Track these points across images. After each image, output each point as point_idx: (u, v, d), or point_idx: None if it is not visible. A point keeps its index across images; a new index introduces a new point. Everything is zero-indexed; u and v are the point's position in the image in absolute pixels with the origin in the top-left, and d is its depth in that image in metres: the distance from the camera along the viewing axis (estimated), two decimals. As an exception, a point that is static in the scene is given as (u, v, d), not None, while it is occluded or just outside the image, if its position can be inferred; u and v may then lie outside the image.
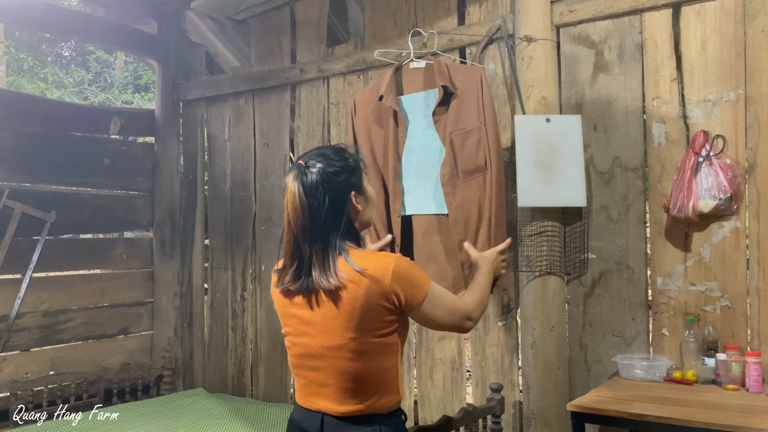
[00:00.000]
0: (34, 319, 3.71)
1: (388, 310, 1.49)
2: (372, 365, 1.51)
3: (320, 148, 1.60)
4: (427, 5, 3.25)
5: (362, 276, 1.47)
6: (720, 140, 2.46)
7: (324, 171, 1.51)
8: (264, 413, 3.41)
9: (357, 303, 1.47)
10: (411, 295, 1.51)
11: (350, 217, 1.54)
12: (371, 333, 1.49)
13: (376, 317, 1.48)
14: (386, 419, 1.54)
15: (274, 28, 3.89)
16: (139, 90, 9.55)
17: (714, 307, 2.50)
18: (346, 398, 1.51)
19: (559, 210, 2.74)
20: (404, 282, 1.49)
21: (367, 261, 1.49)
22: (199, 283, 4.26)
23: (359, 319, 1.47)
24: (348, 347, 1.49)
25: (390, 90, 2.57)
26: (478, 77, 2.53)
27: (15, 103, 3.73)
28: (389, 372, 1.54)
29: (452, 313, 1.60)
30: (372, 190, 1.63)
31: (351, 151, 1.60)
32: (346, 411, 1.51)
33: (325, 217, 1.49)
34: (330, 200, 1.49)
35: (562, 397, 2.69)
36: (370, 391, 1.52)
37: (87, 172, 4.01)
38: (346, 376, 1.50)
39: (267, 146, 3.90)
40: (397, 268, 1.49)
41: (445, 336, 3.17)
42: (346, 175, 1.53)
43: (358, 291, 1.47)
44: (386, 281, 1.47)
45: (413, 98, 2.61)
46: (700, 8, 2.54)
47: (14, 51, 8.72)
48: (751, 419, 1.93)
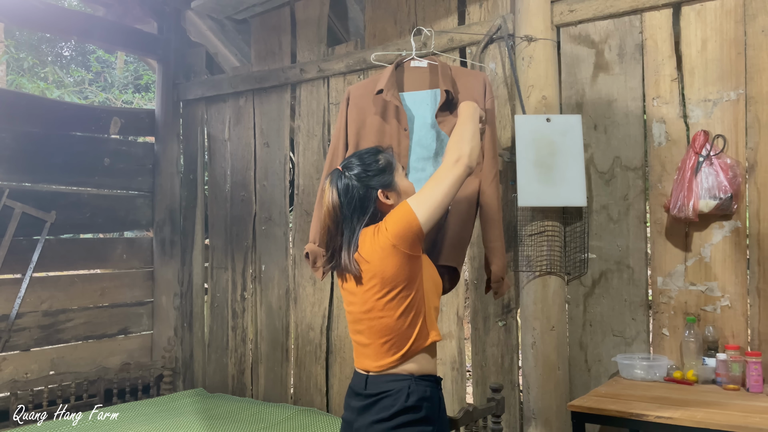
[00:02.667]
0: (34, 319, 3.71)
1: (408, 257, 1.71)
2: (402, 319, 1.73)
3: (356, 153, 1.88)
4: (427, 5, 3.25)
5: (372, 249, 1.73)
6: (720, 140, 2.46)
7: (354, 175, 1.80)
8: (264, 413, 3.41)
9: (376, 269, 1.72)
10: (408, 229, 1.70)
11: (378, 209, 1.80)
12: (396, 289, 1.72)
13: (396, 274, 1.71)
14: (419, 379, 1.74)
15: (274, 28, 3.89)
16: (139, 90, 9.55)
17: (714, 307, 2.50)
18: (383, 353, 1.75)
19: (560, 210, 2.74)
20: (398, 231, 1.70)
21: (367, 238, 1.75)
22: (199, 283, 4.27)
23: (383, 280, 1.72)
24: (378, 307, 1.74)
25: (391, 85, 2.55)
26: (482, 82, 2.52)
27: (15, 103, 3.73)
28: (418, 321, 1.75)
29: (447, 193, 1.74)
30: (406, 183, 1.87)
31: (383, 153, 1.86)
32: (383, 365, 1.75)
33: (353, 212, 1.78)
34: (358, 198, 1.78)
35: (562, 397, 2.69)
36: (403, 343, 1.74)
37: (87, 171, 4.01)
38: (383, 332, 1.74)
39: (267, 146, 3.90)
40: (387, 226, 1.73)
41: (445, 336, 3.17)
42: (376, 177, 1.80)
43: (376, 259, 1.72)
44: (389, 244, 1.71)
45: (414, 96, 2.60)
46: (700, 8, 2.54)
47: (14, 50, 8.71)
48: (752, 419, 1.93)
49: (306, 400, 3.68)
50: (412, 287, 1.74)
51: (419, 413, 1.70)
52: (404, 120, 2.56)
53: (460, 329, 3.17)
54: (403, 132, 2.55)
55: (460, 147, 1.82)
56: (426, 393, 1.73)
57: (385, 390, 1.72)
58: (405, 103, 2.59)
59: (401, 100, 2.57)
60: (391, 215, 1.74)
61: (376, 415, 1.70)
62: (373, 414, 1.71)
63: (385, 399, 1.71)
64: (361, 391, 1.77)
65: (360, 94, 2.66)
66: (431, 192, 1.74)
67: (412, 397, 1.70)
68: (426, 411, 1.71)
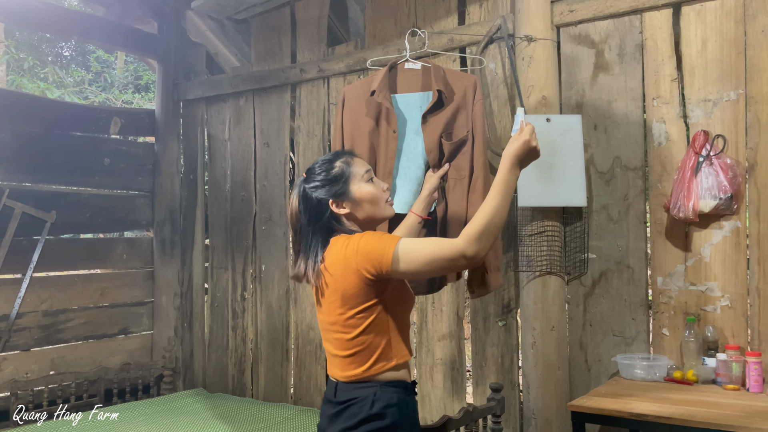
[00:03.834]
0: (34, 319, 3.71)
1: (370, 282, 1.68)
2: (362, 337, 1.72)
3: (318, 160, 1.85)
4: (427, 5, 3.25)
5: (335, 264, 1.71)
6: (720, 140, 2.46)
7: (305, 187, 1.80)
8: (264, 413, 3.41)
9: (338, 285, 1.71)
10: (378, 263, 1.65)
11: (334, 217, 1.78)
12: (355, 308, 1.71)
13: (357, 294, 1.69)
14: (385, 386, 1.72)
15: (274, 28, 3.89)
16: (139, 90, 9.55)
17: (714, 307, 2.50)
18: (347, 365, 1.74)
19: (560, 210, 2.74)
20: (369, 256, 1.66)
21: (335, 249, 1.72)
22: (199, 283, 4.27)
23: (342, 298, 1.71)
24: (339, 322, 1.73)
25: (383, 86, 2.54)
26: (472, 84, 2.52)
27: (15, 103, 3.73)
28: (381, 342, 1.73)
29: (432, 260, 1.63)
30: (366, 190, 1.80)
31: (341, 160, 1.82)
32: (349, 376, 1.74)
33: (309, 220, 1.78)
34: (312, 207, 1.77)
35: (562, 397, 2.69)
36: (365, 360, 1.72)
37: (87, 171, 4.00)
38: (345, 346, 1.74)
39: (267, 146, 3.90)
40: (359, 246, 1.68)
41: (445, 336, 3.17)
42: (325, 187, 1.78)
43: (337, 276, 1.70)
44: (353, 263, 1.68)
45: (406, 98, 2.59)
46: (700, 8, 2.54)
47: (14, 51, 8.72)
48: (752, 419, 1.93)
49: (306, 400, 3.68)
50: (374, 309, 1.72)
51: (384, 420, 1.68)
52: (393, 122, 2.54)
53: (460, 329, 3.17)
54: (392, 134, 2.54)
55: (472, 229, 1.62)
56: (392, 400, 1.71)
57: (353, 397, 1.71)
58: (397, 105, 2.58)
59: (393, 102, 2.56)
60: (371, 239, 1.69)
61: (344, 424, 1.70)
62: (341, 422, 1.71)
63: (352, 407, 1.71)
64: (331, 398, 1.77)
65: (354, 95, 2.66)
66: (421, 251, 1.64)
67: (377, 405, 1.69)
68: (391, 418, 1.69)
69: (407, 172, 2.54)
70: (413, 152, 2.53)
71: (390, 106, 2.51)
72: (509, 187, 1.65)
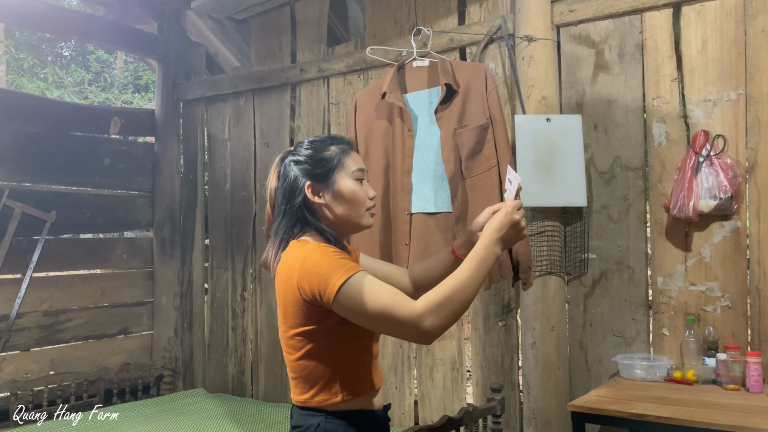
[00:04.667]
0: (34, 319, 3.71)
1: (307, 305, 1.40)
2: (303, 362, 1.45)
3: (313, 137, 1.60)
4: (427, 5, 3.25)
5: (282, 271, 1.45)
6: (720, 140, 2.46)
7: (289, 159, 1.54)
8: (264, 413, 3.41)
9: (281, 297, 1.46)
10: (321, 288, 1.36)
11: (306, 206, 1.50)
12: (294, 329, 1.44)
13: (299, 311, 1.42)
14: (332, 417, 1.45)
15: (274, 28, 3.89)
16: (139, 90, 9.55)
17: (714, 307, 2.50)
18: (294, 387, 1.51)
19: (560, 210, 2.74)
20: (311, 276, 1.37)
21: (288, 253, 1.46)
22: (199, 283, 4.26)
23: (284, 312, 1.46)
24: (284, 338, 1.48)
25: (393, 87, 2.57)
26: (482, 73, 2.52)
27: (15, 103, 3.73)
28: (325, 373, 1.45)
29: (382, 314, 1.32)
30: (352, 188, 1.51)
31: (339, 145, 1.55)
32: (296, 400, 1.50)
33: (282, 200, 1.52)
34: (287, 185, 1.51)
35: (562, 397, 2.69)
36: (310, 386, 1.46)
37: (87, 172, 4.00)
38: (290, 367, 1.50)
39: (267, 146, 3.90)
40: (305, 262, 1.39)
41: (445, 336, 3.17)
42: (306, 164, 1.51)
43: (281, 285, 1.46)
44: (294, 276, 1.40)
45: (417, 96, 2.61)
46: (700, 8, 2.54)
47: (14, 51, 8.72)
48: (752, 419, 1.92)
49: (306, 400, 3.67)
50: (313, 337, 1.43)
51: None
52: (408, 120, 2.57)
53: (460, 329, 3.16)
54: (408, 132, 2.57)
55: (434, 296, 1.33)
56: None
57: (299, 425, 1.48)
58: (408, 103, 2.60)
59: (405, 102, 2.58)
60: (324, 257, 1.39)
61: None
62: None
63: None
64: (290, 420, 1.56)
65: (366, 100, 2.70)
66: (375, 296, 1.33)
67: None
68: None
69: (425, 170, 2.56)
70: (429, 149, 2.55)
71: (403, 105, 2.54)
72: (484, 265, 1.39)
